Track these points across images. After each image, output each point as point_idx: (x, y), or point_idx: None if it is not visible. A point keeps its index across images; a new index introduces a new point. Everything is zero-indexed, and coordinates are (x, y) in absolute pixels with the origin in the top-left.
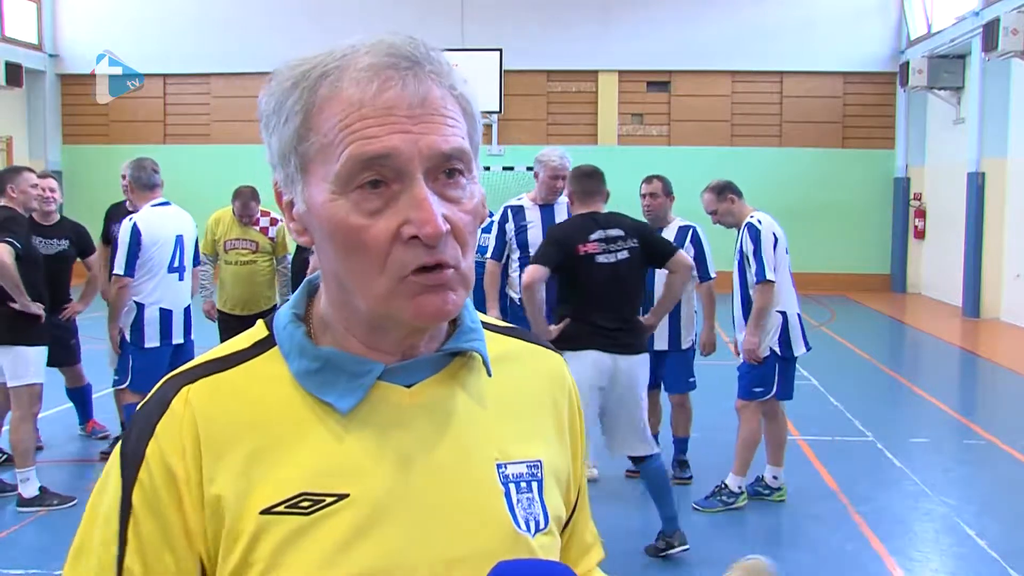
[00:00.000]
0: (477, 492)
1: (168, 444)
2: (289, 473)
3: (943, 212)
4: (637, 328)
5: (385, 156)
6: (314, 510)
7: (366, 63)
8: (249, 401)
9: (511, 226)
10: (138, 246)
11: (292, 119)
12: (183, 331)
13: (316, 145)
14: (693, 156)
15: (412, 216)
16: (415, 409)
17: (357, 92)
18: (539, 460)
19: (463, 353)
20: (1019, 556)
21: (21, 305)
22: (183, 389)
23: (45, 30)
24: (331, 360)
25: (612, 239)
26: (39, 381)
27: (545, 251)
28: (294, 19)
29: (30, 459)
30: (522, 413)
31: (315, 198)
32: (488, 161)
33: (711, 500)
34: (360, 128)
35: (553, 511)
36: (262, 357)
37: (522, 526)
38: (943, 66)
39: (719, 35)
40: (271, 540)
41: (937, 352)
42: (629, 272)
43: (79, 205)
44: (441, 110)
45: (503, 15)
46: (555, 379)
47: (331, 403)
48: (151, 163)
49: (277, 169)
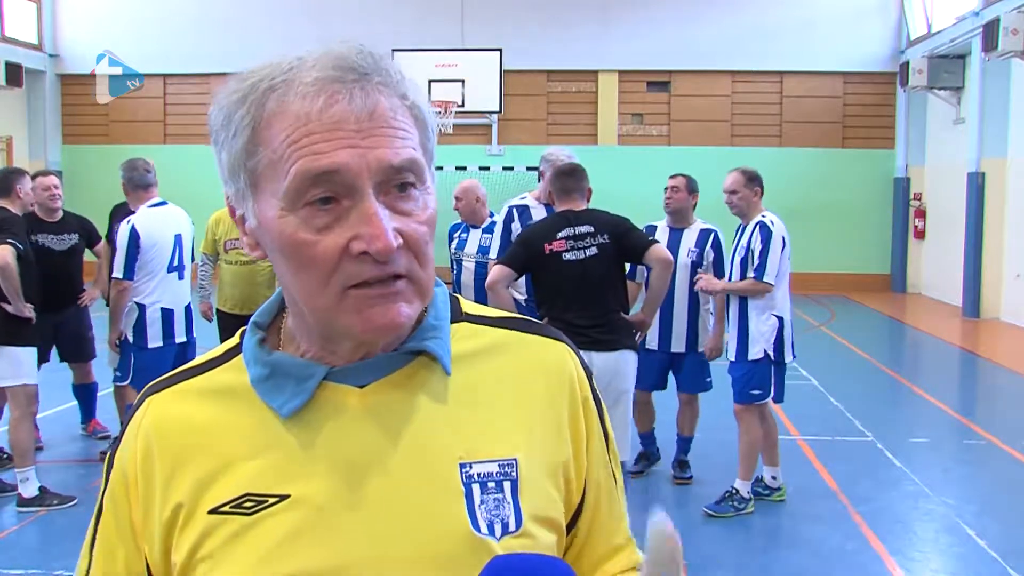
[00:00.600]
0: (431, 492)
1: (128, 450)
2: (237, 475)
3: (943, 212)
4: (616, 324)
5: (333, 172)
6: (256, 510)
7: (312, 77)
8: (207, 409)
9: (517, 225)
10: (136, 248)
11: (240, 134)
12: (185, 329)
13: (264, 161)
14: (693, 156)
15: (362, 231)
16: (364, 409)
17: (304, 107)
18: (514, 459)
19: (425, 352)
20: (1019, 556)
21: (15, 308)
22: (147, 399)
23: (45, 30)
24: (279, 366)
25: (580, 236)
26: (32, 382)
27: (512, 251)
28: (294, 19)
29: (29, 459)
30: (500, 408)
31: (265, 213)
32: (488, 161)
33: (723, 505)
34: (307, 144)
35: (537, 511)
36: (228, 364)
37: (482, 528)
38: (943, 66)
39: (719, 35)
40: (216, 538)
41: (937, 352)
42: (599, 268)
43: (79, 205)
44: (391, 122)
45: (503, 15)
46: (552, 370)
47: (275, 408)
48: (143, 163)
49: (228, 184)
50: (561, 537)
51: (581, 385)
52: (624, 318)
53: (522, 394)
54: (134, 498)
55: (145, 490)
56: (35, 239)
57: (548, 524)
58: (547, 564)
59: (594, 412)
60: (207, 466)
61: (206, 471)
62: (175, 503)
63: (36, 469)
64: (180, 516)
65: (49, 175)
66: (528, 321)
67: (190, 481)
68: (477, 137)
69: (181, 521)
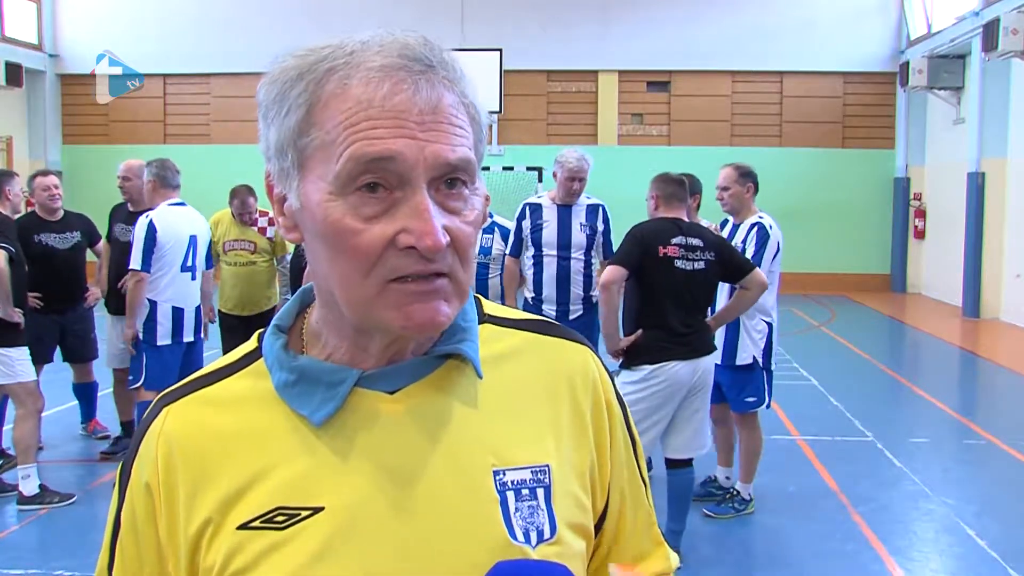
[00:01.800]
0: (468, 501)
1: (148, 464)
2: (267, 488)
3: (943, 212)
4: (707, 329)
5: (388, 159)
6: (288, 524)
7: (378, 63)
8: (230, 417)
9: (527, 223)
10: (153, 242)
11: (294, 111)
12: (193, 329)
13: (317, 141)
14: (693, 156)
15: (411, 225)
16: (396, 416)
17: (366, 92)
18: (547, 465)
19: (455, 355)
20: (1019, 556)
21: (5, 314)
22: (164, 409)
23: (45, 30)
24: (306, 371)
25: (692, 247)
26: (31, 379)
27: (625, 251)
28: (294, 19)
29: (32, 456)
30: (528, 413)
31: (311, 196)
32: (488, 161)
33: (724, 507)
34: (365, 128)
35: (569, 518)
36: (247, 371)
37: (519, 537)
38: (943, 66)
39: (719, 35)
40: (246, 555)
41: (937, 352)
42: (704, 283)
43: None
44: (451, 118)
45: (503, 15)
46: (574, 372)
47: (306, 416)
48: (173, 163)
49: (272, 161)
50: (590, 543)
51: (604, 387)
52: (707, 323)
53: (548, 398)
54: (159, 514)
55: (168, 505)
56: (38, 239)
57: (579, 531)
58: (549, 570)
59: (618, 414)
60: (235, 478)
61: (234, 484)
62: (202, 518)
63: (37, 468)
64: (207, 532)
65: (49, 175)
66: (549, 323)
67: (217, 494)
68: None
69: (208, 537)
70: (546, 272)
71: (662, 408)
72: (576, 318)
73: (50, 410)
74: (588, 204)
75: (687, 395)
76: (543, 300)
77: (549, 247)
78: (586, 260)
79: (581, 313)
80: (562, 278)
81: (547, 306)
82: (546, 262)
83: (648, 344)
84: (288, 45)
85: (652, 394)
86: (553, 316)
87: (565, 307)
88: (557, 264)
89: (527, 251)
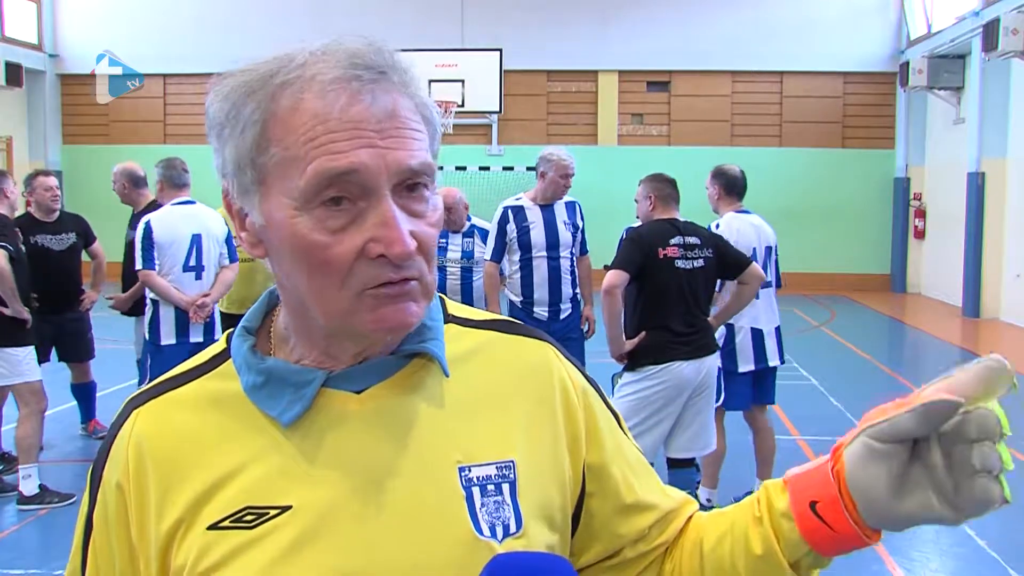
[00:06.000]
0: (434, 497)
1: (118, 466)
2: (236, 488)
3: (943, 212)
4: (709, 328)
5: (352, 172)
6: (257, 524)
7: (331, 75)
8: (199, 419)
9: (512, 227)
10: (150, 241)
11: (249, 129)
12: (203, 330)
13: (277, 158)
14: (693, 156)
15: (380, 234)
16: (364, 415)
17: (323, 105)
18: (511, 460)
19: (422, 354)
20: (1019, 556)
21: (13, 311)
22: (134, 412)
23: (45, 30)
24: (274, 373)
25: (690, 246)
26: (33, 379)
27: (626, 255)
28: (294, 19)
29: (33, 456)
30: (493, 410)
31: (274, 213)
32: (488, 161)
33: None
34: (326, 143)
35: (535, 511)
36: (215, 372)
37: (485, 532)
38: (943, 66)
39: (719, 35)
40: (216, 554)
41: (937, 352)
42: (704, 281)
43: (79, 205)
44: (408, 122)
45: (503, 15)
46: (538, 368)
47: (274, 417)
48: (181, 162)
49: (229, 179)
50: (564, 536)
51: (572, 379)
52: (708, 322)
53: (513, 394)
54: (131, 514)
55: (139, 506)
56: (34, 240)
57: (548, 523)
58: (548, 562)
59: (595, 397)
60: (204, 479)
61: (203, 484)
62: (173, 519)
63: (37, 468)
64: (178, 532)
65: (49, 175)
66: (510, 322)
67: (187, 495)
68: (477, 137)
69: (179, 537)
70: (536, 274)
71: (666, 407)
72: (566, 317)
73: (50, 410)
74: (566, 202)
75: (691, 395)
76: (534, 303)
77: (538, 248)
78: (571, 258)
79: (570, 311)
80: (554, 279)
81: (538, 308)
82: (535, 264)
83: (652, 344)
84: (282, 44)
85: (656, 393)
86: (545, 318)
87: (556, 307)
88: (547, 265)
89: (512, 255)
